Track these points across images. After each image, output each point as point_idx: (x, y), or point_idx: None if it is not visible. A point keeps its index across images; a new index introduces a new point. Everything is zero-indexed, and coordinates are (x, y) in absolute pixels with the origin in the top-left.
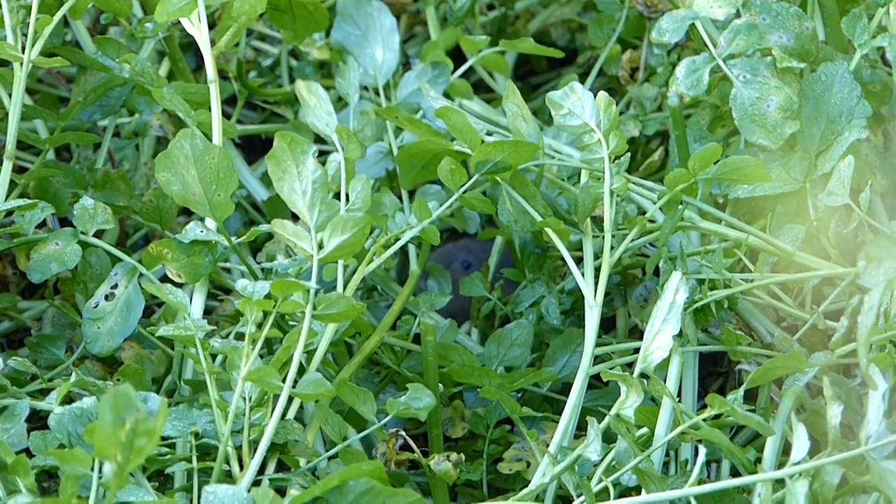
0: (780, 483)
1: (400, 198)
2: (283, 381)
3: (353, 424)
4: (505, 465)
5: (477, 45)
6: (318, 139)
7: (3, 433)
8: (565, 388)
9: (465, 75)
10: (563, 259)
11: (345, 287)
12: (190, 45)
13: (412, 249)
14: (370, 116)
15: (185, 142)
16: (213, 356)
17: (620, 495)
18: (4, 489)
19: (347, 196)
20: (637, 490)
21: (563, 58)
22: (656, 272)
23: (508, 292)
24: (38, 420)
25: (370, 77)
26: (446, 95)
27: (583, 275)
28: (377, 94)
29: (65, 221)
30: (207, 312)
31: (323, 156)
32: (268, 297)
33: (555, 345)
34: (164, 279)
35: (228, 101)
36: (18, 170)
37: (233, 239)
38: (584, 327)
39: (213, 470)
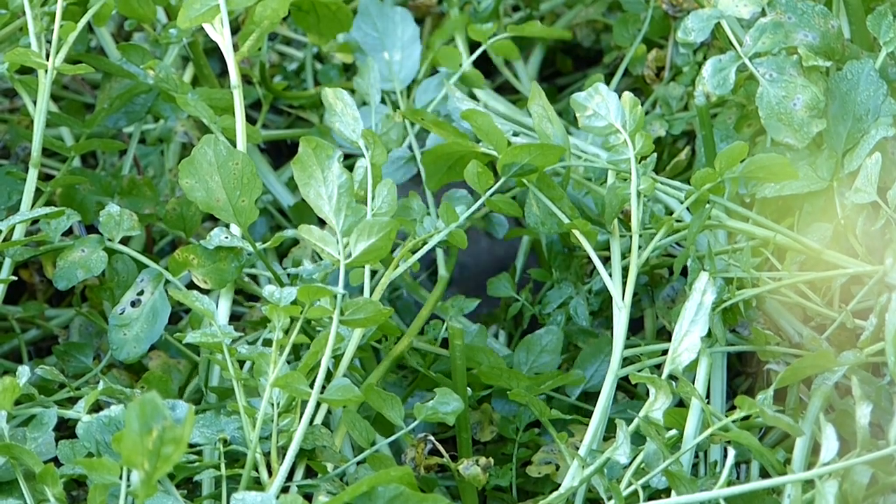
0: (809, 484)
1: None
2: (311, 386)
3: (381, 429)
4: (534, 468)
5: (485, 33)
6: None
7: (32, 442)
8: (592, 397)
9: (489, 77)
10: (590, 259)
11: (372, 292)
12: (215, 50)
13: (440, 254)
14: (395, 120)
15: (209, 148)
16: (241, 362)
17: (650, 498)
18: (33, 498)
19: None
20: (667, 492)
21: (589, 58)
22: (684, 272)
23: (535, 293)
24: (66, 429)
25: (387, 82)
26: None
27: (610, 275)
28: (396, 102)
29: (91, 229)
30: (235, 318)
31: (349, 158)
32: (295, 302)
33: (585, 353)
34: (191, 285)
35: (254, 106)
36: (44, 177)
37: (258, 244)
38: (612, 329)
39: (241, 477)
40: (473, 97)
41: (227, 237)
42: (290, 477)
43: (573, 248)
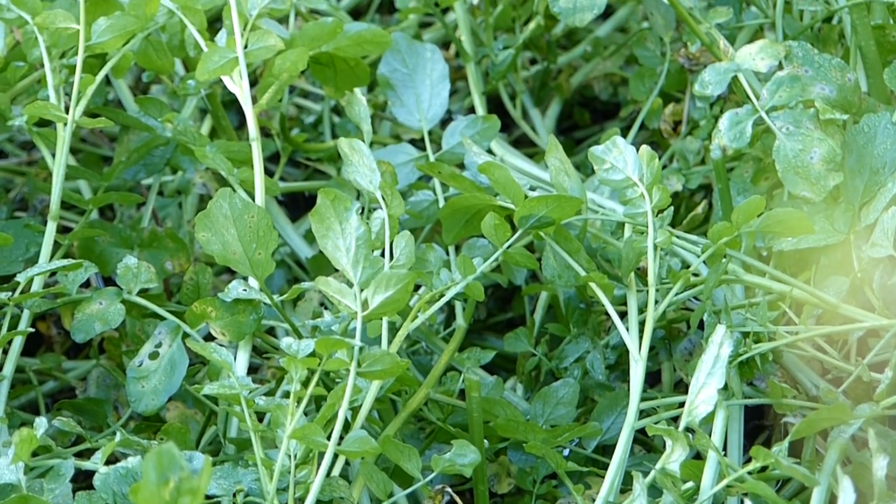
0: None
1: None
2: (328, 438)
3: (399, 481)
4: None
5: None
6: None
7: (49, 493)
8: (609, 450)
9: (506, 129)
10: (607, 313)
11: (389, 344)
12: (232, 102)
13: (458, 304)
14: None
15: (224, 201)
16: (259, 414)
17: None
18: None
19: (392, 252)
20: None
21: (606, 111)
22: (701, 326)
23: (553, 348)
24: (83, 480)
25: (414, 119)
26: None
27: (627, 329)
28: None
29: (110, 281)
30: (253, 370)
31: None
32: (312, 354)
33: (602, 405)
34: (209, 337)
35: (272, 159)
36: (62, 230)
37: (276, 297)
38: (628, 382)
39: None
40: (491, 152)
41: (244, 290)
42: None
43: (591, 304)
